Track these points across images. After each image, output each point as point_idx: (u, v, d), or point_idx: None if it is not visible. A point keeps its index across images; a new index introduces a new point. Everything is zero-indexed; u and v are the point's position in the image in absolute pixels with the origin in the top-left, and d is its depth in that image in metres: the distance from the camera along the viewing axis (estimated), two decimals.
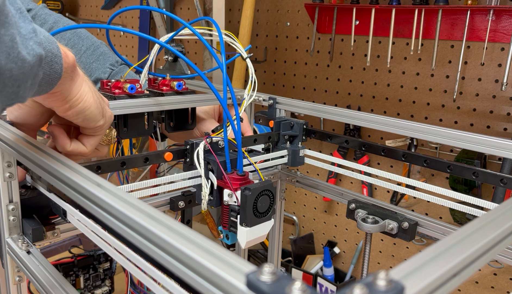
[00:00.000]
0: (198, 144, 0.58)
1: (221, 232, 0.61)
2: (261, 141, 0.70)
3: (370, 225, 0.60)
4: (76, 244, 0.96)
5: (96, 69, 0.76)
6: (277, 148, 0.73)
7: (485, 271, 1.18)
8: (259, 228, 0.57)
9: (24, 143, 0.45)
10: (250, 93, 0.68)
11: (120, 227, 0.31)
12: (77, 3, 2.22)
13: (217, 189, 0.58)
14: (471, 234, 0.29)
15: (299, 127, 0.72)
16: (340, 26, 1.31)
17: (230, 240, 0.60)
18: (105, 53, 0.77)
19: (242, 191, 0.55)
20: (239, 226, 0.57)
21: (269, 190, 0.57)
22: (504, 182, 0.53)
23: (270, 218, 0.59)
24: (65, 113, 0.47)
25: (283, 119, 0.73)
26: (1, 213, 0.50)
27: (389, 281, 0.22)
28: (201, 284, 0.25)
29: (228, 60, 0.72)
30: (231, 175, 0.57)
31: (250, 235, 0.56)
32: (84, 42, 0.77)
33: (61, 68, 0.41)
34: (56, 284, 0.44)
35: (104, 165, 0.52)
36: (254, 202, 0.56)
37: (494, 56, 1.09)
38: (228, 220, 0.59)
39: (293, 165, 0.73)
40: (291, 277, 0.22)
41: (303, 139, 0.73)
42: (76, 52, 0.76)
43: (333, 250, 1.48)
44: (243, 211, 0.56)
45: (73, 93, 0.45)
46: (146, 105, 0.63)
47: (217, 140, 0.59)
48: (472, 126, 1.15)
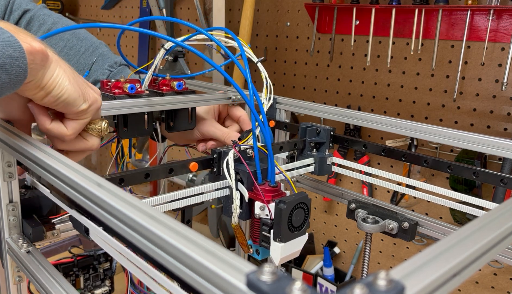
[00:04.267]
0: (226, 153, 0.54)
1: (251, 247, 0.57)
2: (286, 149, 0.66)
3: (370, 225, 0.60)
4: (76, 244, 0.96)
5: (95, 71, 0.75)
6: (303, 155, 0.68)
7: (485, 271, 1.18)
8: (293, 243, 0.54)
9: (24, 143, 0.45)
10: (268, 96, 0.67)
11: (121, 227, 0.31)
12: (77, 3, 2.22)
13: (247, 201, 0.55)
14: (471, 234, 0.29)
15: (326, 134, 0.67)
16: (340, 26, 1.31)
17: (261, 255, 0.56)
18: (104, 54, 0.77)
19: (277, 204, 0.52)
20: (273, 242, 0.53)
21: (304, 202, 0.53)
22: (505, 182, 0.53)
23: (304, 233, 0.55)
24: (42, 101, 0.46)
25: (309, 126, 0.68)
26: (1, 213, 0.50)
27: (390, 281, 0.22)
28: (201, 284, 0.25)
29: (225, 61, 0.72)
30: (263, 186, 0.53)
31: (284, 251, 0.53)
32: (83, 43, 0.76)
33: (25, 68, 0.41)
34: (56, 284, 0.44)
35: (127, 177, 0.50)
36: (289, 216, 0.52)
37: (494, 56, 1.09)
38: (259, 234, 0.54)
39: (320, 174, 0.67)
40: (292, 277, 0.22)
41: (330, 147, 0.69)
42: (75, 53, 0.76)
43: (333, 250, 1.48)
44: (277, 226, 0.52)
45: (46, 79, 0.44)
46: (146, 105, 0.63)
47: (246, 149, 0.55)
48: (472, 126, 1.15)
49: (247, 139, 0.59)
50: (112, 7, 2.04)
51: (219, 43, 0.61)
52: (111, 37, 2.08)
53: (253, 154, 0.56)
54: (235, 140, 0.57)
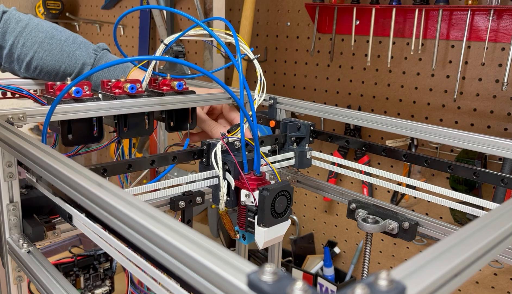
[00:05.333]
0: (215, 145, 0.58)
1: (238, 232, 0.61)
2: (268, 143, 0.69)
3: (371, 225, 0.60)
4: (77, 244, 0.96)
5: (81, 56, 0.79)
6: (284, 149, 0.71)
7: (486, 271, 1.18)
8: (277, 228, 0.57)
9: (25, 142, 0.45)
10: (260, 94, 0.68)
11: (121, 226, 0.31)
12: (77, 3, 2.22)
13: (234, 189, 0.58)
14: (472, 234, 0.29)
15: (306, 129, 0.70)
16: (341, 26, 1.31)
17: (247, 240, 0.60)
18: (84, 42, 0.81)
19: (260, 192, 0.55)
20: (257, 227, 0.57)
21: (286, 190, 0.57)
22: (505, 182, 0.53)
23: (287, 219, 0.59)
24: None
25: (289, 121, 0.71)
26: (2, 212, 0.50)
27: (391, 281, 0.22)
28: (202, 284, 0.25)
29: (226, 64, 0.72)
30: (249, 176, 0.57)
31: (268, 235, 0.57)
32: (62, 33, 0.80)
33: None
34: (57, 284, 0.44)
35: (110, 167, 0.52)
36: (272, 202, 0.55)
37: (494, 56, 1.09)
38: (245, 220, 0.58)
39: (300, 167, 0.71)
40: (292, 277, 0.22)
41: (310, 141, 0.72)
42: (57, 42, 0.79)
43: (334, 250, 1.48)
44: (261, 212, 0.56)
45: None
46: (147, 105, 0.63)
47: (233, 141, 0.59)
48: (473, 126, 1.15)
49: (236, 132, 0.62)
50: (112, 7, 2.04)
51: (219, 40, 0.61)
52: (111, 37, 2.08)
53: (239, 146, 0.59)
54: (223, 133, 0.60)
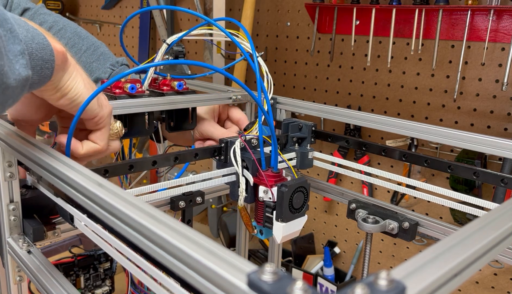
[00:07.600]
0: (233, 142, 0.59)
1: (255, 228, 0.62)
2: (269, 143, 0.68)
3: (371, 225, 0.60)
4: (77, 244, 0.96)
5: (97, 69, 0.75)
6: (285, 150, 0.70)
7: (486, 271, 1.18)
8: (294, 223, 0.59)
9: (25, 142, 0.45)
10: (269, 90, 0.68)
11: (121, 226, 0.31)
12: (77, 3, 2.22)
13: (252, 185, 0.60)
14: (472, 234, 0.29)
15: (308, 129, 0.70)
16: (341, 26, 1.31)
17: (264, 235, 0.62)
18: (105, 53, 0.77)
19: (279, 188, 0.57)
20: (275, 222, 0.58)
21: (303, 186, 0.59)
22: (505, 182, 0.53)
23: (304, 214, 0.61)
24: (58, 103, 0.46)
25: (291, 121, 0.71)
26: (2, 212, 0.50)
27: (391, 281, 0.22)
28: (202, 284, 0.25)
29: (237, 59, 0.72)
30: (266, 172, 0.59)
31: (286, 230, 0.58)
32: (84, 42, 0.77)
33: (52, 71, 0.42)
34: (57, 284, 0.44)
35: (111, 168, 0.51)
36: (290, 198, 0.57)
37: (494, 56, 1.09)
38: (262, 215, 0.60)
39: (301, 168, 0.71)
40: (292, 277, 0.22)
41: (312, 142, 0.71)
42: (76, 51, 0.76)
43: (334, 250, 1.48)
44: (279, 207, 0.57)
45: (63, 81, 0.45)
46: (147, 105, 0.63)
47: (251, 138, 0.61)
48: (473, 126, 1.15)
49: (252, 130, 0.64)
50: (112, 7, 2.04)
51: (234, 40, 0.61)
52: (111, 37, 2.08)
53: (257, 143, 0.61)
54: (241, 131, 0.61)
